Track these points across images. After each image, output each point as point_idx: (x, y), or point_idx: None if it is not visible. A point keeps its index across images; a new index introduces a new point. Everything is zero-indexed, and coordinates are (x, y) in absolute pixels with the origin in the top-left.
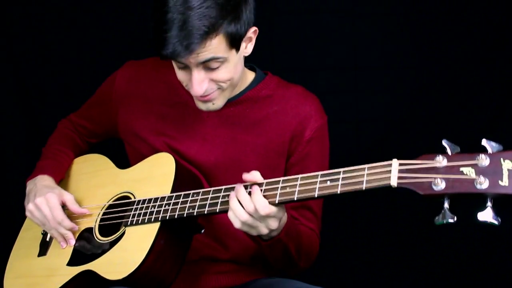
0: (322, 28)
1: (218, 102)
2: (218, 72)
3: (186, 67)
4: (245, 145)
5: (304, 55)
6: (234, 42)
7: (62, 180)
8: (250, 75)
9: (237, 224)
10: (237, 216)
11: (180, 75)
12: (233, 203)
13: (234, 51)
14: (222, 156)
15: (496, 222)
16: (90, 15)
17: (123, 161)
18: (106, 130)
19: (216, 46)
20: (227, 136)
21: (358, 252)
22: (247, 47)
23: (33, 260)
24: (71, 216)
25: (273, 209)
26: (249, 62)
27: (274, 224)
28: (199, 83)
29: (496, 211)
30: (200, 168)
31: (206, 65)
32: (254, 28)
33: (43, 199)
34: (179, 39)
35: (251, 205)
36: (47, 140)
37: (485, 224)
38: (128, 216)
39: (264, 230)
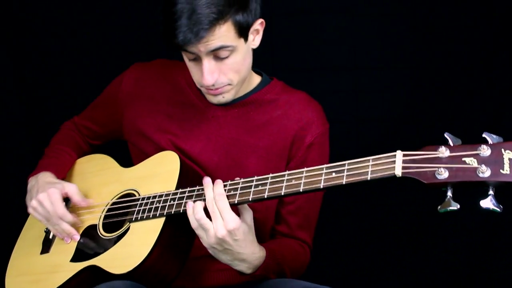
0: (322, 28)
1: (228, 96)
2: (227, 62)
3: (196, 59)
4: (247, 147)
5: (303, 55)
6: (242, 31)
7: (64, 179)
8: (257, 78)
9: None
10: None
11: (192, 67)
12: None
13: (242, 40)
14: (225, 156)
15: (498, 209)
16: (91, 16)
17: (126, 163)
18: (110, 131)
19: (225, 33)
20: (231, 137)
21: (363, 251)
22: (254, 39)
23: (35, 258)
24: (75, 212)
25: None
26: None
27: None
28: (210, 72)
29: (498, 198)
30: (202, 167)
31: (216, 54)
32: (261, 20)
33: (45, 194)
34: (189, 27)
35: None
36: (50, 141)
37: (488, 211)
38: (132, 213)
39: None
